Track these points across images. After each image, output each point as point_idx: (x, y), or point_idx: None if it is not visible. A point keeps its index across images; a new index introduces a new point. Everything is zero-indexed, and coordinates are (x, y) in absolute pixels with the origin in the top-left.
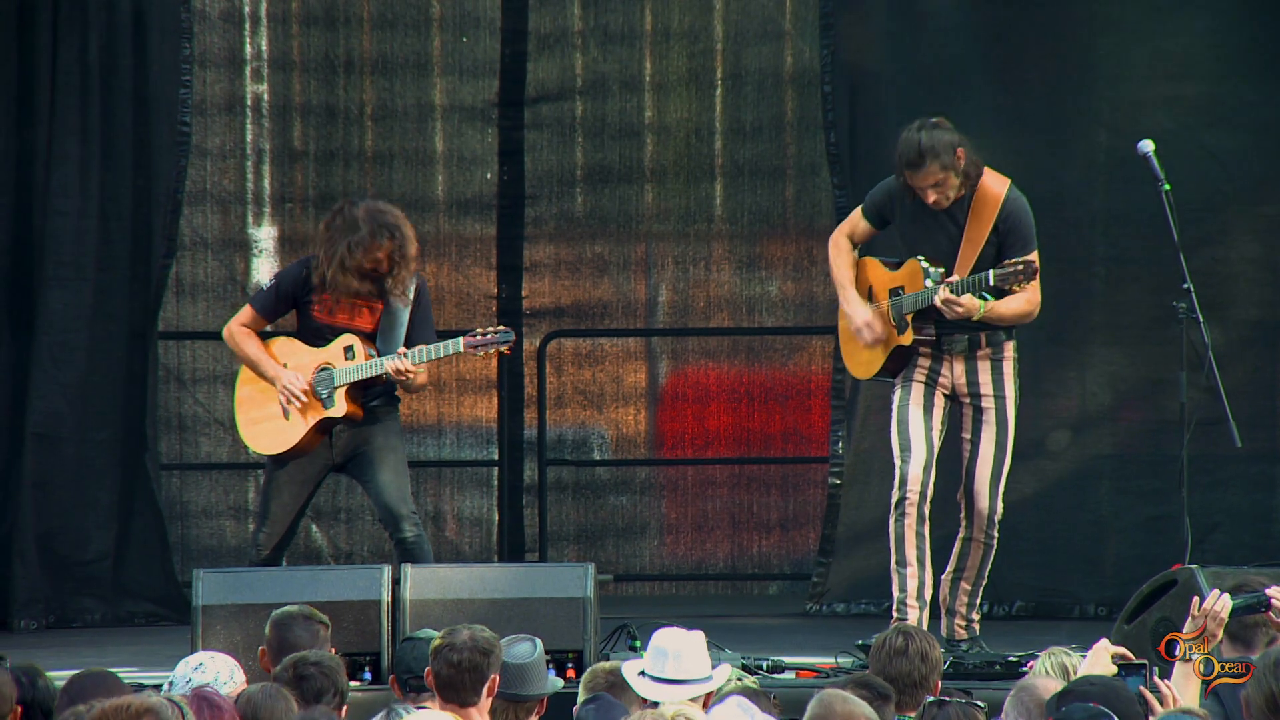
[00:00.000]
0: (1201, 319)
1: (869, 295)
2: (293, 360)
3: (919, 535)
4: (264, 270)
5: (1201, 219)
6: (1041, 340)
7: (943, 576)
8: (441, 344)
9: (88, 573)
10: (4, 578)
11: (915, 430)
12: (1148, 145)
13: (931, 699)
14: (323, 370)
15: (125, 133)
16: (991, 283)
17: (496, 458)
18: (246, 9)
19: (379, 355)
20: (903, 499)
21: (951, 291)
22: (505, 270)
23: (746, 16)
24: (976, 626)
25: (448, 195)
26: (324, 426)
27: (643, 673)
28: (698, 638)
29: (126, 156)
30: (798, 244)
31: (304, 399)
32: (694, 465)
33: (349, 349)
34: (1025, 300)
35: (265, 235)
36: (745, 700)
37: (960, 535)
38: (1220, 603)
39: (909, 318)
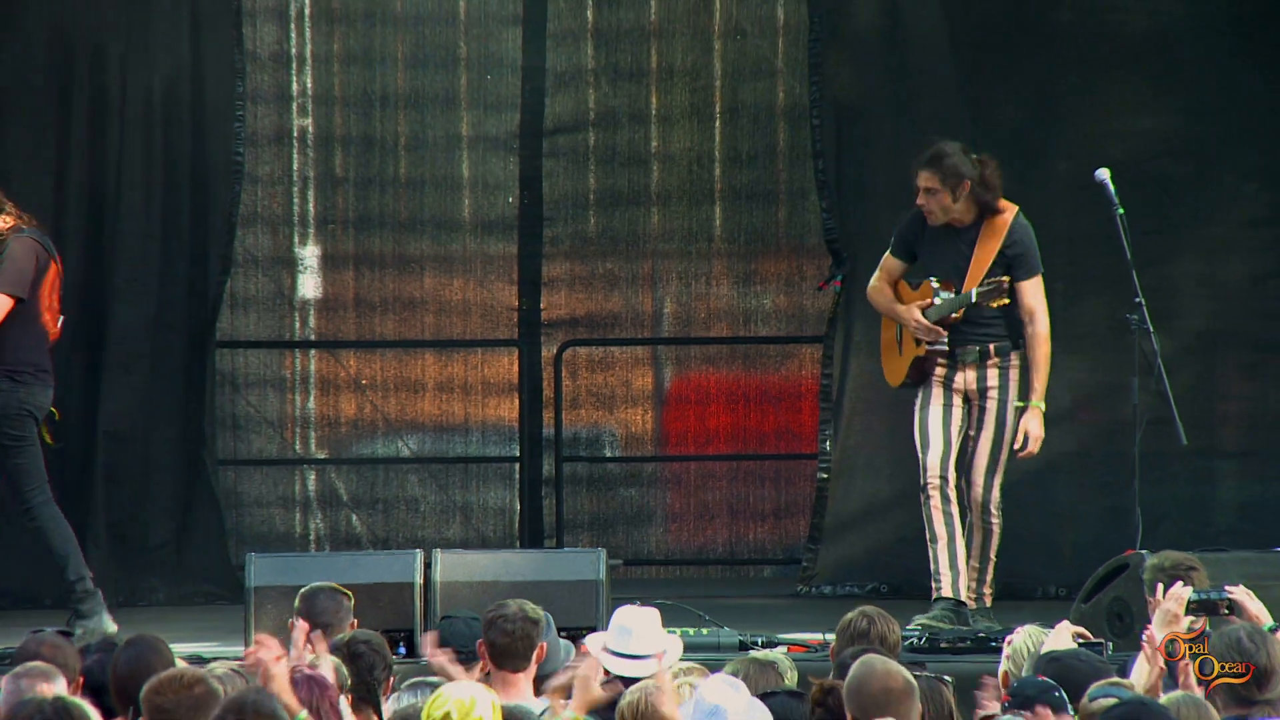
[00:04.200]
0: (1152, 330)
1: None
2: None
3: (945, 514)
4: (308, 285)
5: (1151, 240)
6: None
7: None
8: None
9: (153, 557)
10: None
11: (933, 426)
12: (1104, 173)
13: None
14: None
15: (185, 162)
16: (974, 300)
17: (518, 454)
18: (293, 50)
19: None
20: (925, 484)
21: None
22: (525, 285)
23: (742, 56)
24: (988, 600)
25: (473, 217)
26: None
27: (605, 647)
28: (653, 614)
29: (186, 183)
30: (789, 261)
31: None
32: (696, 461)
33: None
34: (1042, 354)
35: (310, 254)
36: (733, 679)
37: (967, 520)
38: (1183, 591)
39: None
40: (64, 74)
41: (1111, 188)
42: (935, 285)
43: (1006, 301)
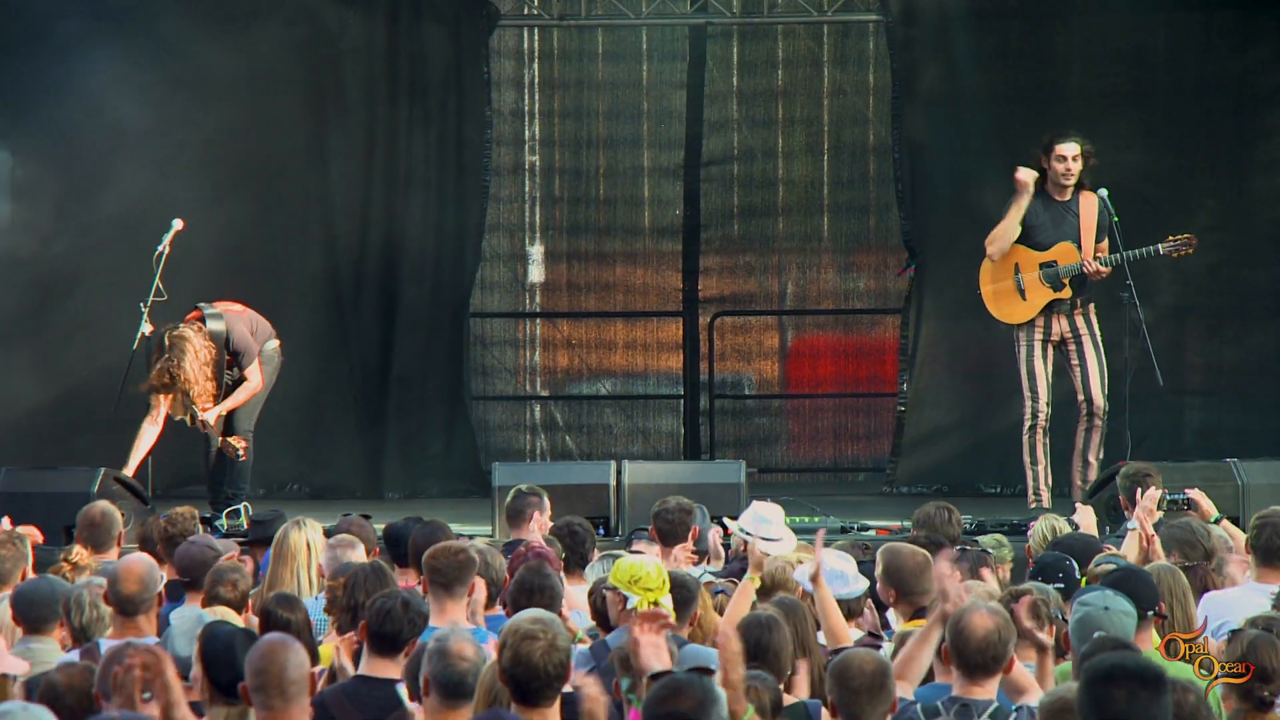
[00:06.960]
0: (1138, 303)
1: (1015, 269)
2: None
3: (1043, 445)
4: (535, 273)
5: (1138, 240)
6: None
7: (1074, 461)
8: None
9: (428, 465)
10: (378, 468)
11: (1040, 378)
12: (1103, 192)
13: (958, 547)
14: None
15: (450, 186)
16: (1162, 252)
17: (682, 394)
18: (525, 108)
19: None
20: (1033, 425)
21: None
22: (687, 273)
23: (844, 108)
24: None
25: (651, 225)
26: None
27: (741, 529)
28: (777, 508)
29: (451, 201)
30: (878, 255)
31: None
32: (809, 399)
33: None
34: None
35: (536, 251)
36: (843, 553)
37: (1082, 427)
38: (1156, 493)
39: (1066, 280)
40: (369, 134)
41: (1109, 203)
42: (1079, 248)
43: (1190, 252)
